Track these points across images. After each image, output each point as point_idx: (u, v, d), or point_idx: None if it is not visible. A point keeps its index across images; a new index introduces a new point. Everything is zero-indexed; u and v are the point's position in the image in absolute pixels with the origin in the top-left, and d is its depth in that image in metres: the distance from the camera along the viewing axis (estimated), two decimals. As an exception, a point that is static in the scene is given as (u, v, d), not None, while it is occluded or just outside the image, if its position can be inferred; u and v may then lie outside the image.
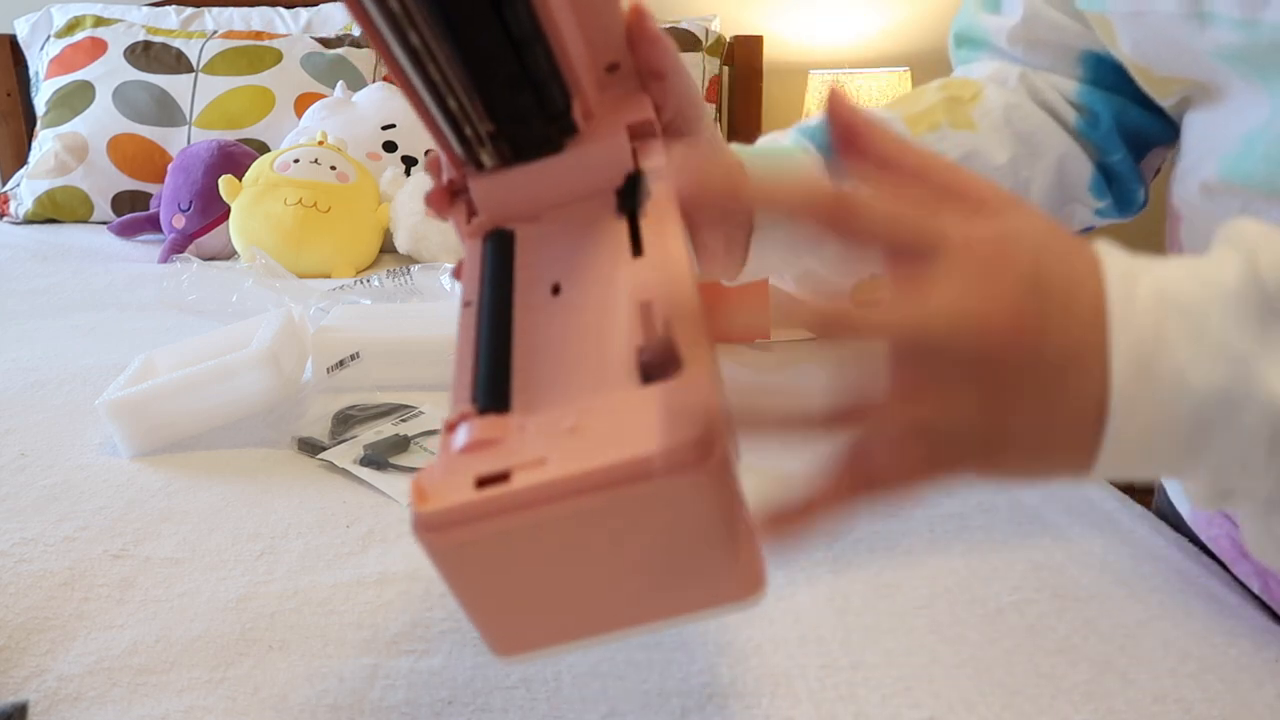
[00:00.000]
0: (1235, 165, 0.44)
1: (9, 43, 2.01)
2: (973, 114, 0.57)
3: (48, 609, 0.55)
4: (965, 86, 0.59)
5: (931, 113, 0.57)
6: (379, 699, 0.47)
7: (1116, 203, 0.60)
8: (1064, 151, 0.58)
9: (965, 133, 0.57)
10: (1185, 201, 0.50)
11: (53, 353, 1.03)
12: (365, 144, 1.75)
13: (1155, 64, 0.48)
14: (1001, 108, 0.57)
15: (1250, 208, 0.44)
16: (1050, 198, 0.59)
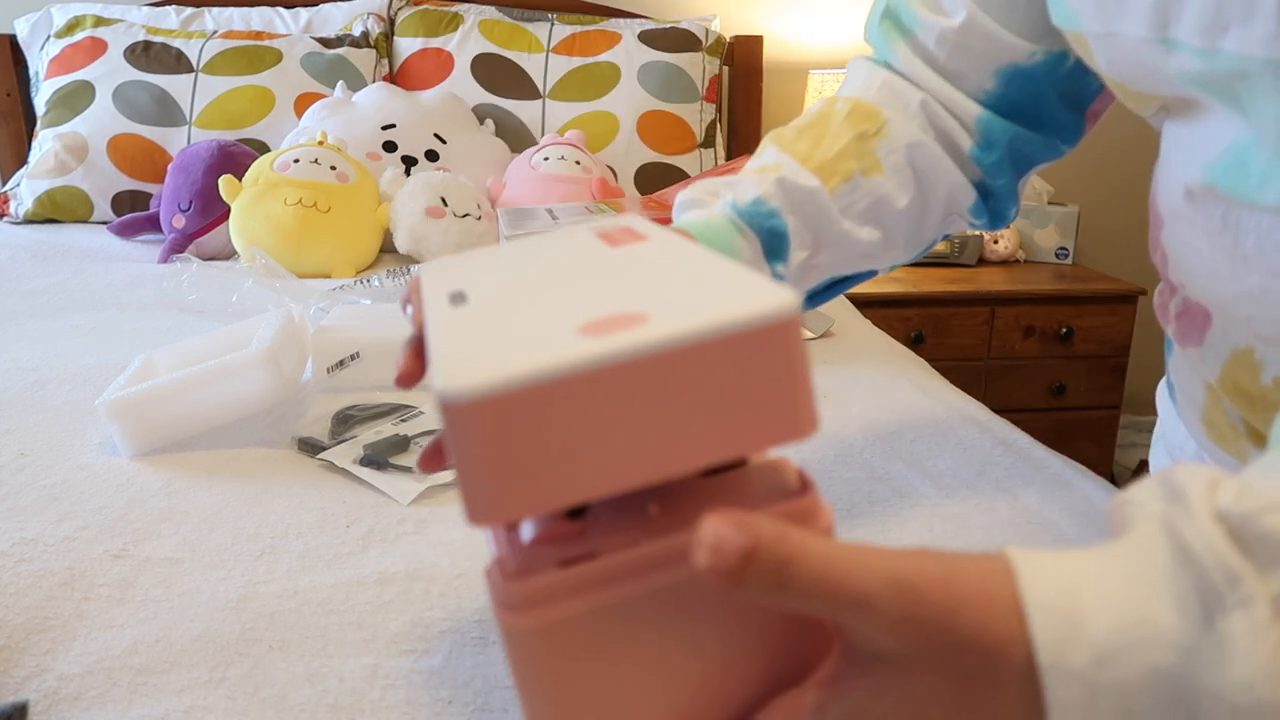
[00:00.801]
0: (1221, 174, 0.44)
1: (9, 43, 2.01)
2: (878, 151, 0.61)
3: (48, 609, 0.55)
4: (870, 118, 0.62)
5: (844, 159, 0.61)
6: (379, 699, 0.47)
7: (991, 220, 0.66)
8: (953, 185, 0.63)
9: (875, 178, 0.61)
10: (1167, 205, 0.51)
11: (53, 353, 1.03)
12: (365, 144, 1.75)
13: (1131, 82, 0.49)
14: (904, 146, 0.61)
15: (1231, 214, 0.45)
16: (935, 222, 0.65)
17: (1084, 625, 0.27)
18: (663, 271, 0.33)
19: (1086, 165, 2.45)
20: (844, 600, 0.27)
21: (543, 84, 1.98)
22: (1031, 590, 0.27)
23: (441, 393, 0.25)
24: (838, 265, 0.63)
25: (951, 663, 0.27)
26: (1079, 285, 2.07)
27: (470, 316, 0.32)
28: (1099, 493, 0.69)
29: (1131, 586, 0.27)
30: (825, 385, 0.95)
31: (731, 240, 0.57)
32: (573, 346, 0.26)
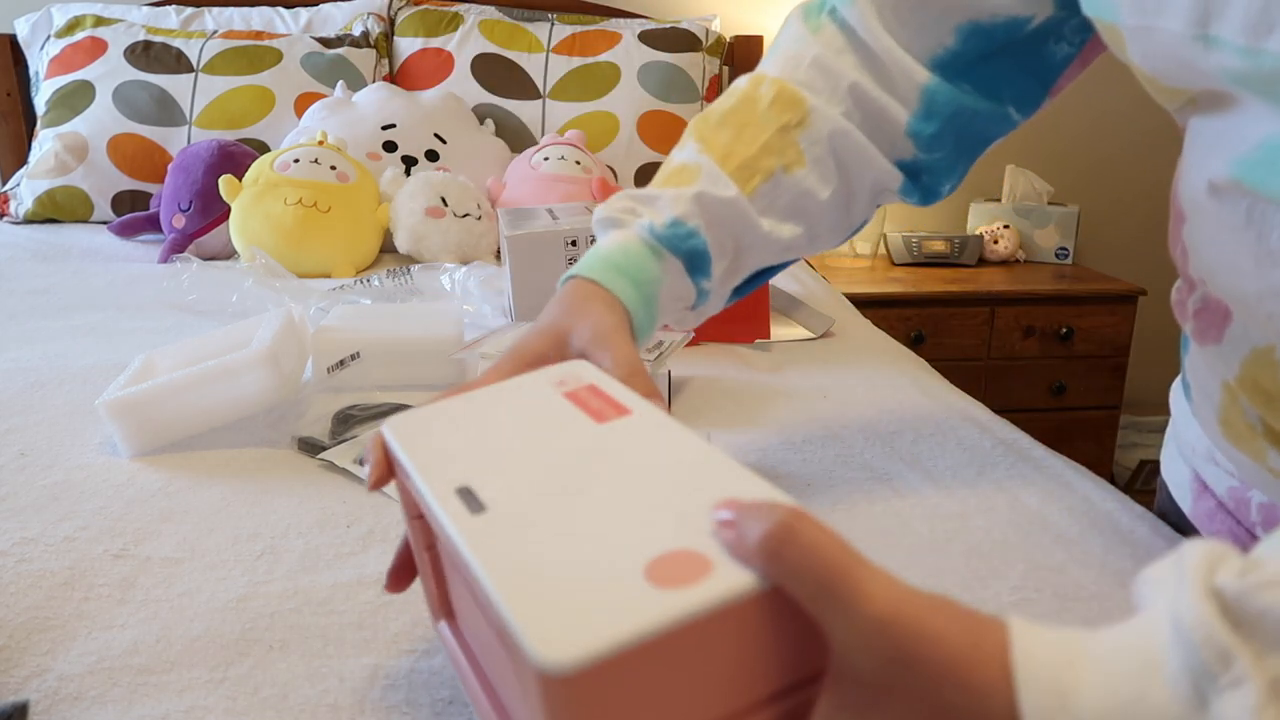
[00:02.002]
0: (1251, 170, 0.44)
1: (9, 43, 2.01)
2: (801, 143, 0.61)
3: (48, 609, 0.55)
4: (794, 107, 0.61)
5: (766, 155, 0.60)
6: (379, 699, 0.47)
7: (922, 196, 0.65)
8: (878, 172, 0.63)
9: (797, 172, 0.61)
10: (1190, 200, 0.50)
11: (53, 353, 1.03)
12: (365, 144, 1.75)
13: (1163, 76, 0.48)
14: (827, 137, 0.61)
15: (1256, 210, 0.44)
16: (861, 206, 0.65)
17: (1072, 700, 0.26)
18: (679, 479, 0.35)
19: (1086, 165, 2.45)
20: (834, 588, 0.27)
21: (543, 84, 1.98)
22: (1025, 662, 0.27)
23: (541, 664, 0.26)
24: (761, 261, 0.64)
25: (925, 692, 0.27)
26: (1079, 285, 2.07)
27: (505, 534, 0.33)
28: (1099, 493, 0.69)
29: (1126, 662, 0.26)
30: (825, 385, 0.95)
31: (648, 266, 0.57)
32: (654, 601, 0.28)
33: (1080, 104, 2.41)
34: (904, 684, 0.27)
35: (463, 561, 0.32)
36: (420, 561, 0.45)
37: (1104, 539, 0.62)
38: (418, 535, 0.44)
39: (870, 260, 2.26)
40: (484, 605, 0.31)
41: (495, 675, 0.39)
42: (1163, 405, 2.52)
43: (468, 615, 0.41)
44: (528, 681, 0.28)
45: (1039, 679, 0.26)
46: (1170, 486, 0.66)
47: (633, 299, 0.55)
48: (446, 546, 0.37)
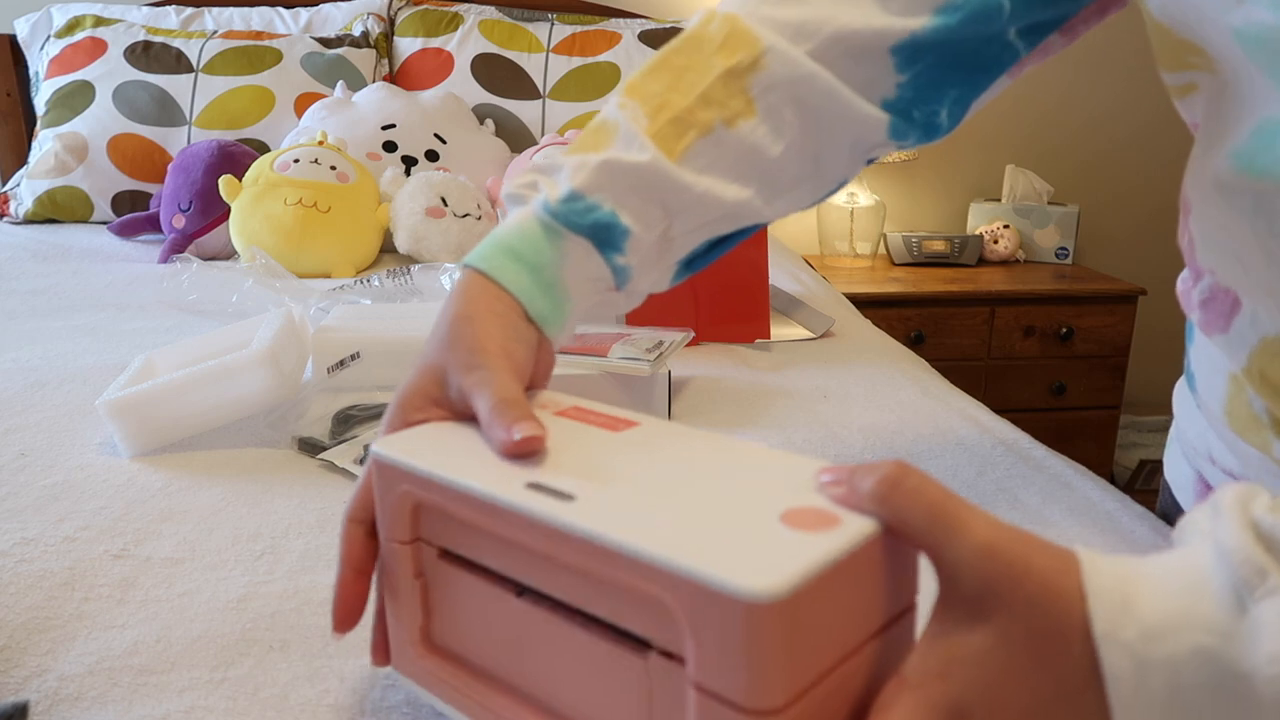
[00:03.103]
0: (1251, 159, 0.43)
1: (9, 43, 2.01)
2: (751, 89, 0.53)
3: (48, 609, 0.55)
4: (746, 47, 0.53)
5: (703, 107, 0.53)
6: (380, 699, 0.47)
7: (923, 133, 0.57)
8: (856, 126, 0.55)
9: (742, 125, 0.53)
10: (1196, 191, 0.50)
11: (53, 353, 1.03)
12: (365, 144, 1.75)
13: (1177, 25, 0.46)
14: (787, 81, 0.53)
15: (1264, 200, 0.43)
16: (838, 161, 0.57)
17: (1134, 606, 0.30)
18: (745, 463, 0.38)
19: (1087, 165, 2.45)
20: (941, 518, 0.31)
21: (543, 84, 1.98)
22: (1091, 575, 0.31)
23: (752, 595, 0.28)
24: (708, 228, 0.55)
25: (1026, 605, 0.30)
26: (1079, 285, 2.07)
27: (616, 513, 0.33)
28: (1099, 493, 0.69)
29: (1177, 582, 0.31)
30: (825, 385, 0.95)
31: (542, 248, 0.50)
32: (814, 542, 0.30)
33: (1080, 104, 2.41)
34: (1003, 601, 0.31)
35: (586, 542, 0.32)
36: (399, 593, 0.42)
37: (1104, 539, 0.62)
38: (405, 563, 0.42)
39: (870, 260, 2.26)
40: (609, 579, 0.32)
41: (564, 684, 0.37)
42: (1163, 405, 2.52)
43: (489, 638, 0.39)
44: (726, 621, 0.28)
45: (1105, 592, 0.30)
46: (1173, 487, 0.65)
47: (526, 287, 0.49)
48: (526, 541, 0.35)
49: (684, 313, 1.10)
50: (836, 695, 0.31)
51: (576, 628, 0.35)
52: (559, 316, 0.50)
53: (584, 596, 0.34)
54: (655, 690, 0.32)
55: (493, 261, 0.50)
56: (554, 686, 0.37)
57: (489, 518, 0.36)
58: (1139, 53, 2.37)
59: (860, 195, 2.22)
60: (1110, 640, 0.30)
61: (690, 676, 0.30)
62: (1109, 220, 2.49)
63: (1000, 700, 0.31)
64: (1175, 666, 0.30)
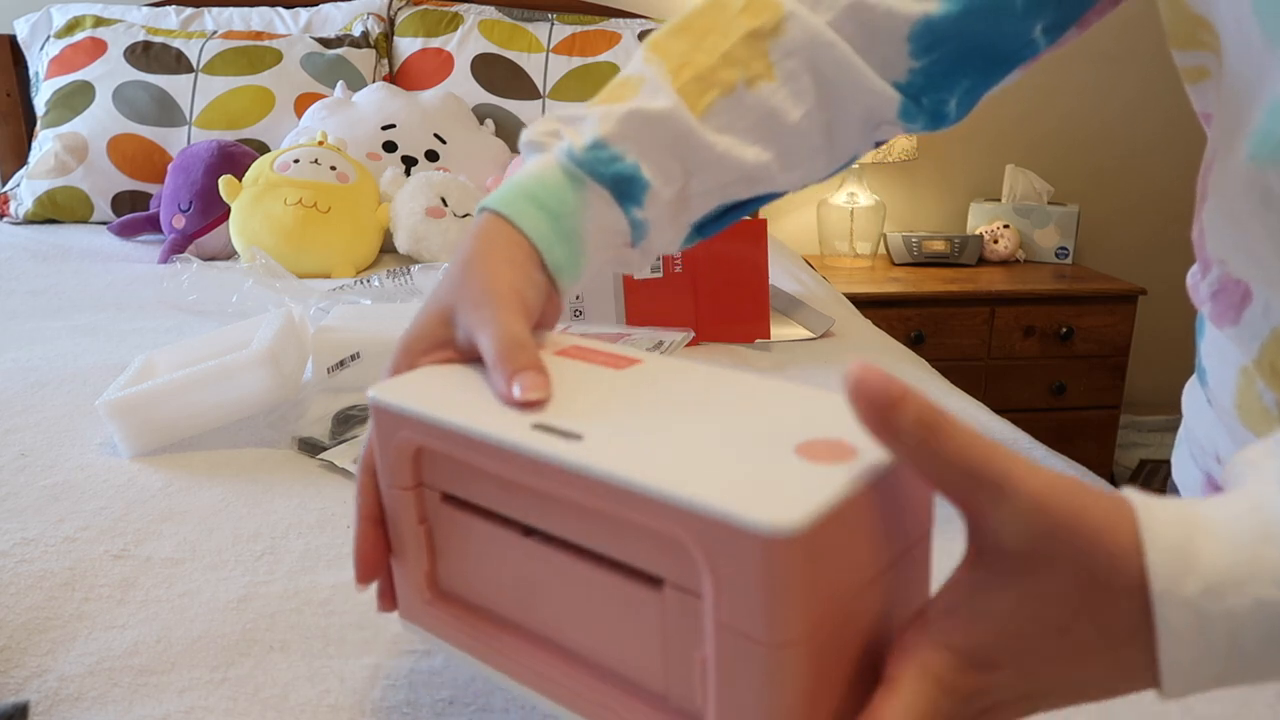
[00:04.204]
0: (1260, 142, 0.43)
1: (9, 43, 2.01)
2: (771, 53, 0.53)
3: (48, 609, 0.55)
4: (769, 10, 0.54)
5: (727, 66, 0.52)
6: (380, 699, 0.47)
7: (930, 120, 0.57)
8: (872, 95, 0.54)
9: (762, 87, 0.53)
10: (1211, 180, 0.50)
11: (53, 353, 1.03)
12: (365, 144, 1.75)
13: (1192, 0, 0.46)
14: (805, 46, 0.53)
15: (1273, 191, 0.43)
16: (850, 134, 0.56)
17: (1197, 560, 0.29)
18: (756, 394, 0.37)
19: (1086, 165, 2.45)
20: (986, 476, 0.29)
21: (543, 84, 1.98)
22: (1149, 526, 0.29)
23: (772, 529, 0.27)
24: (724, 191, 0.55)
25: (1075, 560, 0.29)
26: (1079, 285, 2.07)
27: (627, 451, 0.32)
28: (1099, 493, 0.69)
29: (1242, 529, 0.29)
30: (825, 385, 0.95)
31: (565, 196, 0.49)
32: (831, 474, 0.30)
33: (1081, 104, 2.41)
34: (1049, 558, 0.29)
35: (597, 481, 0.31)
36: (404, 540, 0.42)
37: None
38: (408, 509, 0.41)
39: (870, 260, 2.26)
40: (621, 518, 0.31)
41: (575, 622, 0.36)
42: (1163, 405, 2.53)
43: (497, 580, 0.39)
44: (744, 557, 0.28)
45: (1165, 545, 0.29)
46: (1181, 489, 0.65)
47: (546, 234, 0.48)
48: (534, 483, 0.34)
49: (684, 313, 1.10)
50: (851, 624, 0.31)
51: (587, 566, 0.34)
52: (574, 268, 0.49)
53: (594, 535, 0.34)
54: (670, 624, 0.32)
55: (513, 206, 0.48)
56: (565, 625, 0.37)
57: (494, 461, 0.35)
58: (1140, 53, 2.37)
59: (860, 195, 2.22)
60: (1170, 597, 0.28)
61: (708, 611, 0.30)
62: (1109, 220, 2.49)
63: (1033, 652, 0.30)
64: (1237, 620, 0.28)
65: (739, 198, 0.56)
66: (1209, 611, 0.28)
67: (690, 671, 0.32)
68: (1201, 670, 0.29)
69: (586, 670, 0.36)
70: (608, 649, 0.35)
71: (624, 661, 0.35)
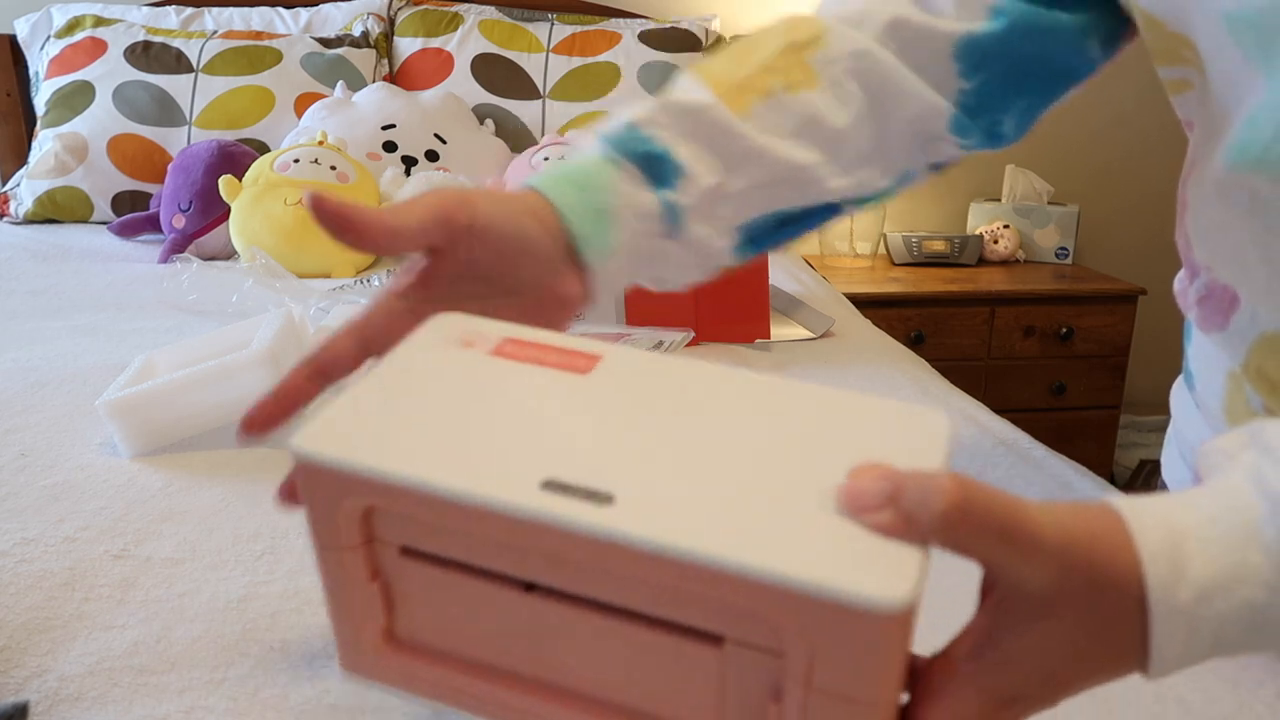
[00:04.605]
0: (1239, 152, 0.43)
1: (9, 43, 2.01)
2: (812, 62, 0.52)
3: (48, 609, 0.55)
4: (807, 26, 0.53)
5: (765, 74, 0.52)
6: (380, 699, 0.47)
7: (985, 138, 0.57)
8: (919, 105, 0.53)
9: (804, 93, 0.51)
10: (1193, 189, 0.50)
11: (53, 353, 1.03)
12: (365, 144, 1.75)
13: (1168, 19, 0.47)
14: (848, 55, 0.52)
15: (1258, 199, 0.43)
16: (901, 148, 0.55)
17: (1187, 569, 0.30)
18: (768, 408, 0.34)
19: (1087, 165, 2.45)
20: (1015, 538, 0.29)
21: (543, 84, 1.98)
22: (1143, 543, 0.30)
23: (882, 605, 0.26)
24: (770, 194, 0.52)
25: (1090, 595, 0.30)
26: (1079, 285, 2.07)
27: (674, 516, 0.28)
28: (1099, 493, 0.69)
29: (1226, 534, 0.30)
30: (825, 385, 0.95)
31: (600, 173, 0.48)
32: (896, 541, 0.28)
33: (1081, 104, 2.41)
34: (1074, 590, 0.30)
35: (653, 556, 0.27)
36: (346, 599, 0.34)
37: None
38: (354, 569, 0.33)
39: (870, 260, 2.26)
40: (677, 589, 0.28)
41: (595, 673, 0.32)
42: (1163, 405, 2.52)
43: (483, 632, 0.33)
44: (851, 631, 0.27)
45: (1157, 556, 0.30)
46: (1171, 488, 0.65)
47: (572, 204, 0.47)
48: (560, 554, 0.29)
49: (684, 313, 1.10)
50: None
51: (614, 622, 0.30)
52: (601, 242, 0.48)
53: (624, 596, 0.30)
54: (731, 677, 0.30)
55: (543, 180, 0.48)
56: (580, 674, 0.32)
57: (495, 528, 0.29)
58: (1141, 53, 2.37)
59: (860, 195, 2.22)
60: (1164, 607, 0.30)
61: (793, 673, 0.28)
62: (1109, 220, 2.49)
63: (1054, 680, 0.31)
64: (1223, 622, 0.30)
65: (790, 205, 0.54)
66: (1199, 615, 0.30)
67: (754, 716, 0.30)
68: (1184, 661, 0.31)
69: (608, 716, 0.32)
70: (638, 698, 0.31)
71: (662, 709, 0.31)
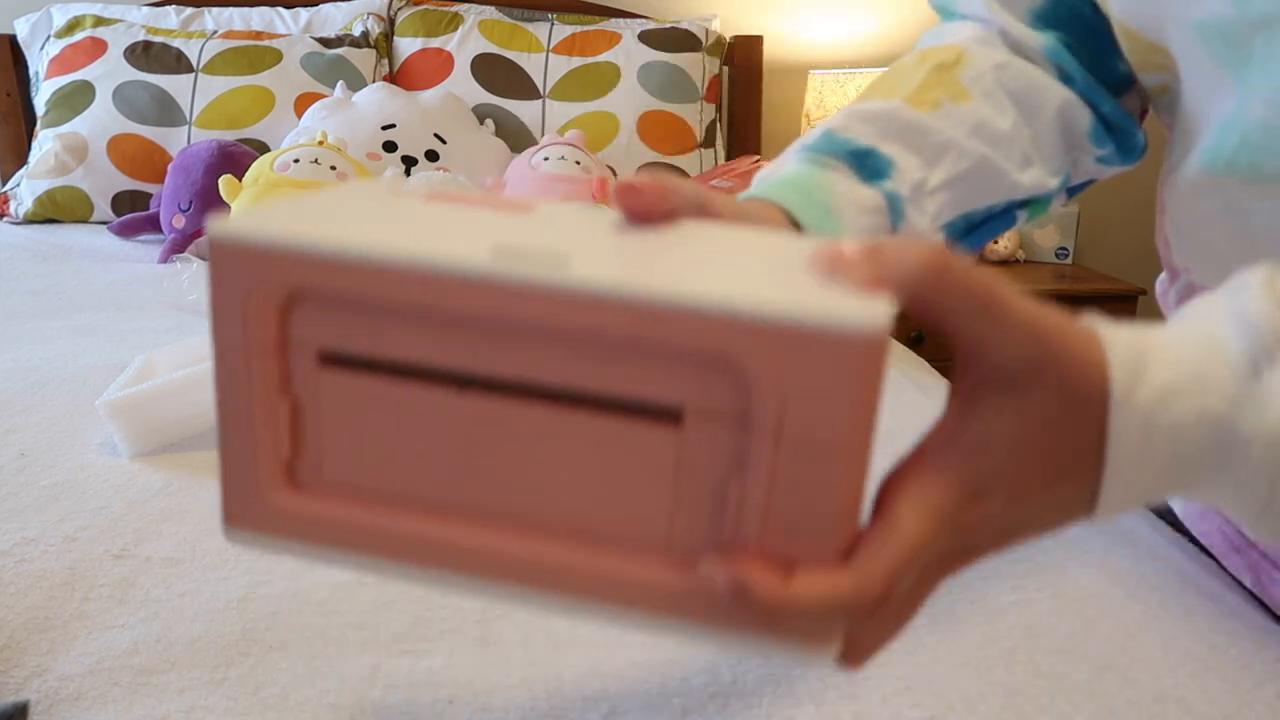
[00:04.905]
0: (1213, 156, 0.44)
1: (9, 43, 2.01)
2: (963, 80, 0.54)
3: (48, 609, 0.55)
4: (945, 52, 0.55)
5: (928, 89, 0.54)
6: (379, 699, 0.47)
7: (1118, 149, 0.58)
8: (1062, 101, 0.55)
9: (965, 105, 0.53)
10: (1171, 192, 0.51)
11: (53, 353, 1.03)
12: (365, 144, 1.75)
13: (1143, 28, 0.48)
14: (991, 69, 0.54)
15: (1232, 200, 0.44)
16: (1056, 150, 0.56)
17: (1148, 370, 0.31)
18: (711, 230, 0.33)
19: (1086, 165, 2.45)
20: (989, 302, 0.30)
21: (543, 84, 1.98)
22: (1110, 344, 0.31)
23: (856, 326, 0.26)
24: (967, 190, 0.53)
25: (1060, 375, 0.30)
26: (1079, 285, 2.07)
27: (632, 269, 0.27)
28: (1099, 493, 0.69)
29: (1191, 348, 0.31)
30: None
31: (817, 177, 0.49)
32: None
33: (1080, 104, 2.41)
34: (1045, 369, 0.30)
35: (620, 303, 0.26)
36: (245, 420, 0.32)
37: (1104, 539, 0.62)
38: (263, 377, 0.32)
39: (870, 260, 2.26)
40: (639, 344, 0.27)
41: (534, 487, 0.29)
42: (1163, 405, 2.52)
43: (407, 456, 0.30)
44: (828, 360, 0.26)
45: (1122, 358, 0.31)
46: None
47: (797, 202, 0.47)
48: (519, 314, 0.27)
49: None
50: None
51: (560, 413, 0.28)
52: (825, 226, 0.48)
53: (574, 373, 0.28)
54: (688, 459, 0.28)
55: (761, 189, 0.48)
56: (517, 494, 0.30)
57: (439, 297, 0.27)
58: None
59: (860, 195, 2.22)
60: (1123, 402, 0.30)
61: (762, 429, 0.27)
62: (1109, 221, 2.49)
63: (1021, 480, 0.31)
64: (1179, 431, 0.30)
65: (979, 205, 0.55)
66: (1156, 418, 0.30)
67: (710, 507, 0.28)
68: (1138, 481, 0.31)
69: (549, 539, 0.29)
70: (583, 509, 0.29)
71: (609, 516, 0.29)
